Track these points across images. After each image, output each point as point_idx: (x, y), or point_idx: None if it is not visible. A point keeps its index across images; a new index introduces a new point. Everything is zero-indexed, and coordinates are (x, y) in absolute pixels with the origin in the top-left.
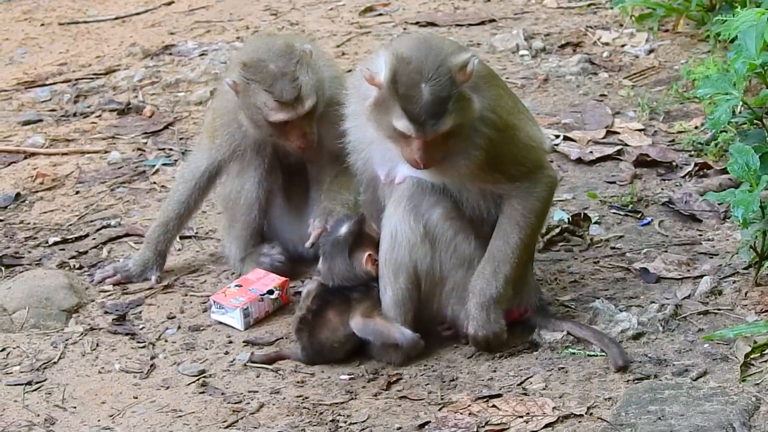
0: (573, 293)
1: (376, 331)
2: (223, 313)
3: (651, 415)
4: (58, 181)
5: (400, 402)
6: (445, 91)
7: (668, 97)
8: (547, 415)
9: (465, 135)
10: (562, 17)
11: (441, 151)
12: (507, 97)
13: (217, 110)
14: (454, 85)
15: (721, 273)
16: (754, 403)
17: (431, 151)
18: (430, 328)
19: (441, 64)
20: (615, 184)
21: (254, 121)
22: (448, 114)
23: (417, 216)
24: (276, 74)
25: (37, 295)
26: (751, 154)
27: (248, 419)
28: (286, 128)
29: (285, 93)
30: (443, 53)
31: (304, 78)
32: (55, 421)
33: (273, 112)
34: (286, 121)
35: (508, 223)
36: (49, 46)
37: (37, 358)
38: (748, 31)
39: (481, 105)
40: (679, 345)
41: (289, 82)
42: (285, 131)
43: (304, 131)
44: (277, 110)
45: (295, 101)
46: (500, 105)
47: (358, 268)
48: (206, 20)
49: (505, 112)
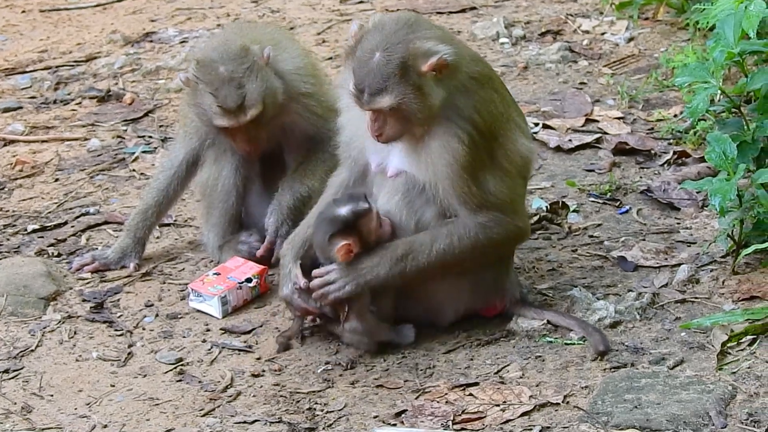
0: (551, 281)
1: (370, 332)
2: (201, 301)
3: (627, 403)
4: (38, 168)
5: (377, 390)
6: (391, 67)
7: (647, 86)
8: (523, 403)
9: (417, 120)
10: (542, 5)
11: (393, 128)
12: (499, 103)
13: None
14: (405, 67)
15: (699, 261)
16: (730, 392)
17: (381, 124)
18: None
19: (402, 41)
20: (594, 172)
21: (201, 119)
22: (388, 92)
23: (410, 212)
24: (223, 78)
25: (15, 282)
26: (728, 142)
27: (225, 407)
28: (230, 132)
29: (228, 100)
30: (414, 36)
31: (250, 86)
32: (32, 409)
33: (215, 116)
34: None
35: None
36: (30, 32)
37: (15, 346)
38: (727, 19)
39: (464, 104)
40: (656, 333)
41: (235, 89)
42: (229, 134)
43: (248, 136)
44: (219, 116)
45: (238, 109)
46: (487, 109)
47: (332, 253)
48: (187, 7)
49: (490, 117)
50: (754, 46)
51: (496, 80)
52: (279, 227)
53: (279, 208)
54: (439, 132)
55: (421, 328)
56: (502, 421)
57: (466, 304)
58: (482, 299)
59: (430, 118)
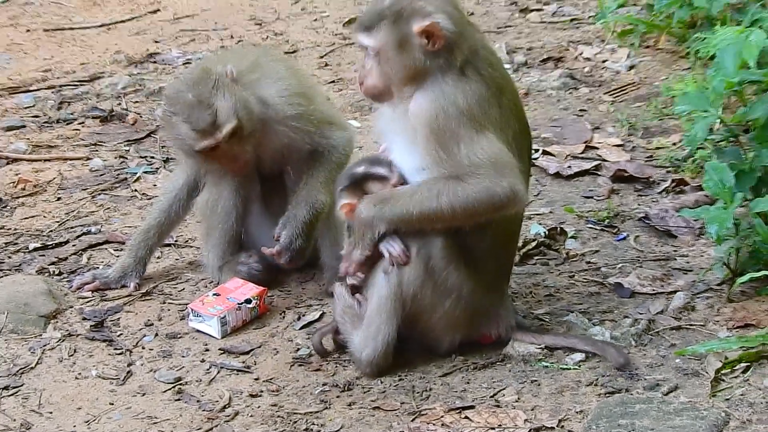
0: (548, 307)
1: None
2: (200, 321)
3: (621, 428)
4: (40, 187)
5: (374, 412)
6: (388, 12)
7: (647, 113)
8: (518, 427)
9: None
10: (545, 32)
11: (374, 79)
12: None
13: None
14: (399, 17)
15: (695, 289)
16: (723, 419)
17: (366, 70)
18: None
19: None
20: (592, 198)
21: (184, 151)
22: (374, 32)
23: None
24: (192, 103)
25: (15, 300)
26: (726, 171)
27: (223, 427)
28: (214, 154)
29: (200, 121)
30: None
31: (220, 103)
32: (31, 426)
33: (194, 141)
34: (211, 148)
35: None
36: (34, 52)
37: (15, 363)
38: (727, 49)
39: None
40: (651, 359)
41: (204, 110)
42: (215, 157)
43: (234, 154)
44: (196, 139)
45: (212, 128)
46: (479, 103)
47: (338, 207)
48: (191, 29)
49: (479, 110)
50: (754, 76)
51: (506, 94)
52: (293, 240)
53: (294, 221)
54: (419, 104)
55: (418, 352)
56: None
57: (462, 333)
58: (478, 328)
59: (405, 81)
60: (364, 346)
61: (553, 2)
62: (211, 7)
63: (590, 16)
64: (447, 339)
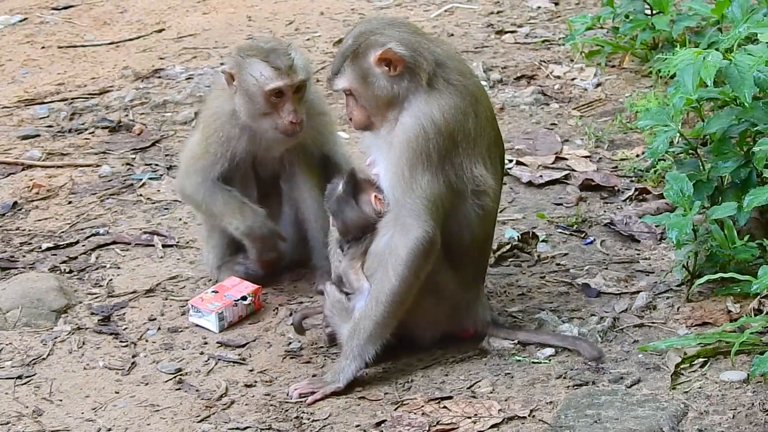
0: (520, 305)
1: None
2: (200, 316)
3: (588, 418)
4: (53, 191)
5: (359, 402)
6: (348, 52)
7: (613, 127)
8: (493, 416)
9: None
10: (518, 52)
11: (358, 114)
12: (471, 121)
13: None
14: (357, 54)
15: (656, 289)
16: (682, 410)
17: (350, 108)
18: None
19: (367, 32)
20: (562, 205)
21: (249, 96)
22: (341, 74)
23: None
24: (270, 48)
25: (29, 296)
26: (685, 181)
27: (220, 414)
28: (279, 102)
29: (279, 61)
30: (382, 30)
31: (295, 55)
32: (43, 413)
33: (269, 80)
34: (280, 92)
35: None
36: (49, 67)
37: (28, 354)
38: (686, 68)
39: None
40: (615, 354)
41: (283, 54)
42: (277, 106)
43: (295, 108)
44: (272, 78)
45: (290, 69)
46: (453, 115)
47: (369, 211)
48: (193, 47)
49: (454, 122)
50: (711, 94)
51: (481, 104)
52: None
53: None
54: (401, 123)
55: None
56: None
57: (444, 328)
58: (457, 324)
59: (382, 108)
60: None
61: (526, 25)
62: (212, 27)
63: (560, 37)
64: (429, 334)
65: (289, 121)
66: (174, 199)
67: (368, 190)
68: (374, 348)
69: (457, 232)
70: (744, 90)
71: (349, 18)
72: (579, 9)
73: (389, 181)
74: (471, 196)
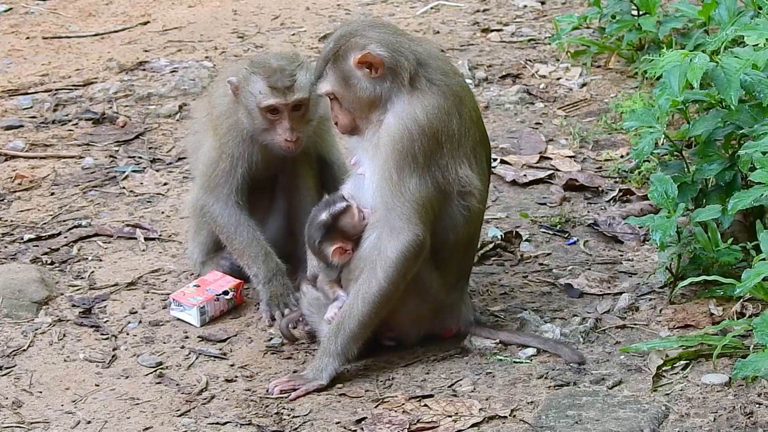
0: (503, 304)
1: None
2: (181, 310)
3: (569, 419)
4: (35, 182)
5: (340, 398)
6: (329, 56)
7: (597, 128)
8: (473, 415)
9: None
10: (504, 50)
11: (343, 117)
12: (455, 121)
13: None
14: (337, 57)
15: (639, 291)
16: (663, 412)
17: (335, 112)
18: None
19: (348, 35)
20: (545, 205)
21: (249, 111)
22: (324, 78)
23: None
24: (275, 68)
25: (10, 287)
26: (670, 183)
27: (200, 409)
28: (275, 119)
29: (279, 81)
30: (363, 33)
31: (300, 75)
32: (22, 404)
33: (265, 97)
34: (275, 109)
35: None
36: (33, 58)
37: (8, 346)
38: (673, 70)
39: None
40: (597, 355)
41: (286, 75)
42: (274, 122)
43: (292, 126)
44: (268, 95)
45: (287, 89)
46: (437, 116)
47: (327, 258)
48: (178, 40)
49: (438, 123)
50: (697, 96)
51: (466, 104)
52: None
53: None
54: (385, 124)
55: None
56: (453, 431)
57: (427, 327)
58: (441, 323)
59: (366, 111)
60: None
61: (512, 23)
62: (197, 21)
63: (546, 37)
64: (413, 333)
65: (284, 139)
66: (157, 192)
67: (337, 239)
68: (357, 346)
69: (443, 233)
70: (730, 93)
71: (334, 13)
72: (565, 8)
73: (377, 183)
74: (457, 198)
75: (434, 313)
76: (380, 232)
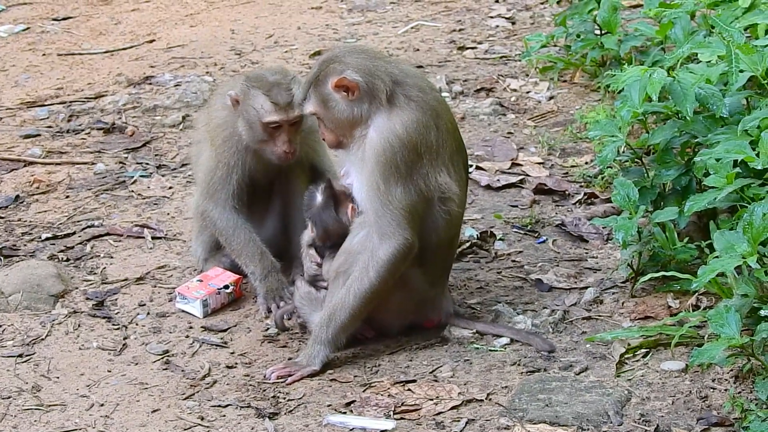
0: (479, 298)
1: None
2: (185, 303)
3: (540, 402)
4: (52, 186)
5: (331, 383)
6: (311, 79)
7: (564, 137)
8: (453, 398)
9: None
10: (478, 66)
11: (328, 135)
12: (433, 134)
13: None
14: (318, 80)
15: (603, 285)
16: (626, 396)
17: (321, 130)
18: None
19: (329, 60)
20: (517, 207)
21: (250, 124)
22: (307, 100)
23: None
24: (273, 82)
25: (30, 281)
26: (631, 187)
27: (203, 393)
28: (275, 132)
29: (279, 97)
30: (343, 58)
31: (296, 89)
32: (41, 389)
33: (267, 113)
34: (277, 125)
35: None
36: (49, 73)
37: (28, 335)
38: (633, 84)
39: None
40: (565, 344)
41: (285, 90)
42: (274, 135)
43: (290, 138)
44: (270, 112)
45: (288, 106)
46: (416, 129)
47: (347, 221)
48: (181, 57)
49: (417, 135)
50: (655, 108)
51: (442, 117)
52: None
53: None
54: (369, 139)
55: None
56: (434, 413)
57: (411, 318)
58: (423, 315)
59: (347, 129)
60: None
61: (485, 42)
62: (198, 39)
63: (517, 54)
64: (397, 324)
65: (283, 151)
66: (163, 195)
67: (345, 201)
68: (345, 336)
69: (426, 234)
70: (686, 105)
71: (323, 33)
72: (534, 28)
73: (365, 193)
74: (438, 203)
75: (417, 305)
76: (370, 234)
